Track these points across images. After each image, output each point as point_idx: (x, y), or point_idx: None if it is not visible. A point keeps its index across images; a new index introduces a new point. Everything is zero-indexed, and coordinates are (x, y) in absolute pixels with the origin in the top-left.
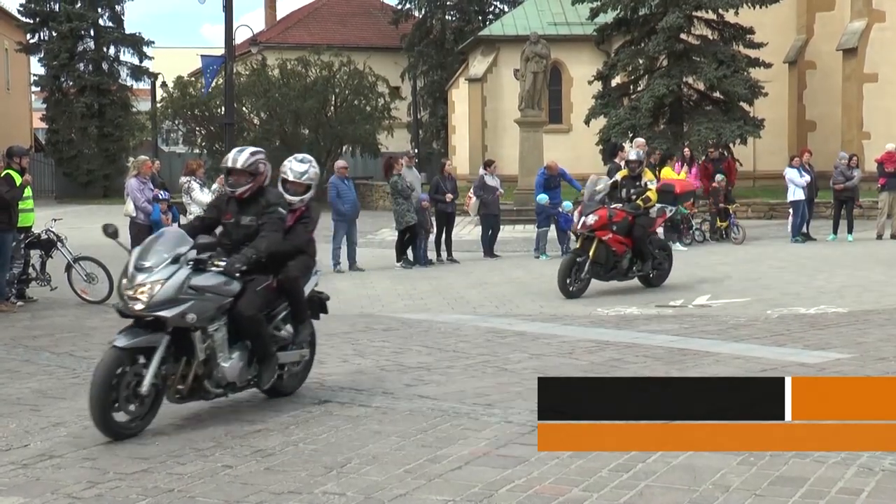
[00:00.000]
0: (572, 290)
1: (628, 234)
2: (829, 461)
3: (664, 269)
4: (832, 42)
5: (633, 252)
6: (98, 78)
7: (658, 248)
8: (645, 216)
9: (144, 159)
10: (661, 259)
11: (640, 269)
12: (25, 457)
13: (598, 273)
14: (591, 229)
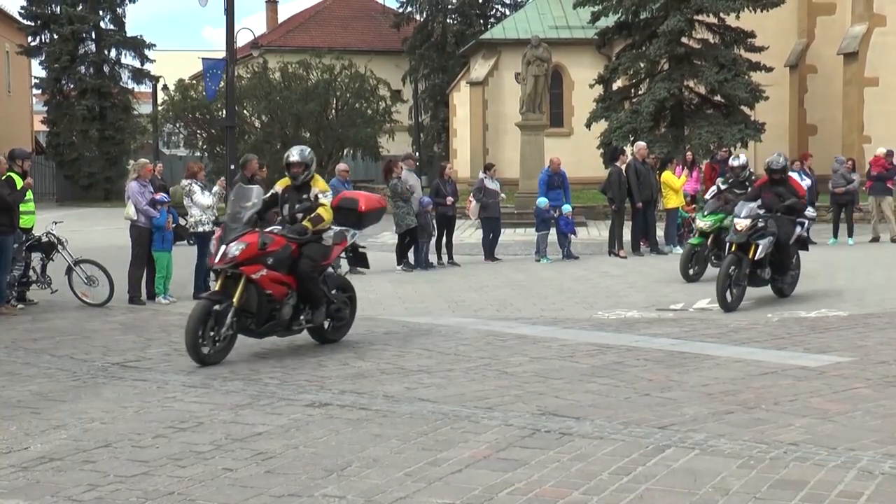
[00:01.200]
0: None
1: (291, 271)
2: (830, 464)
3: (345, 318)
4: (833, 46)
5: (300, 296)
6: (99, 81)
7: (338, 287)
8: (317, 244)
9: (145, 162)
10: (340, 306)
11: (311, 319)
12: (25, 459)
13: (245, 327)
14: (233, 264)
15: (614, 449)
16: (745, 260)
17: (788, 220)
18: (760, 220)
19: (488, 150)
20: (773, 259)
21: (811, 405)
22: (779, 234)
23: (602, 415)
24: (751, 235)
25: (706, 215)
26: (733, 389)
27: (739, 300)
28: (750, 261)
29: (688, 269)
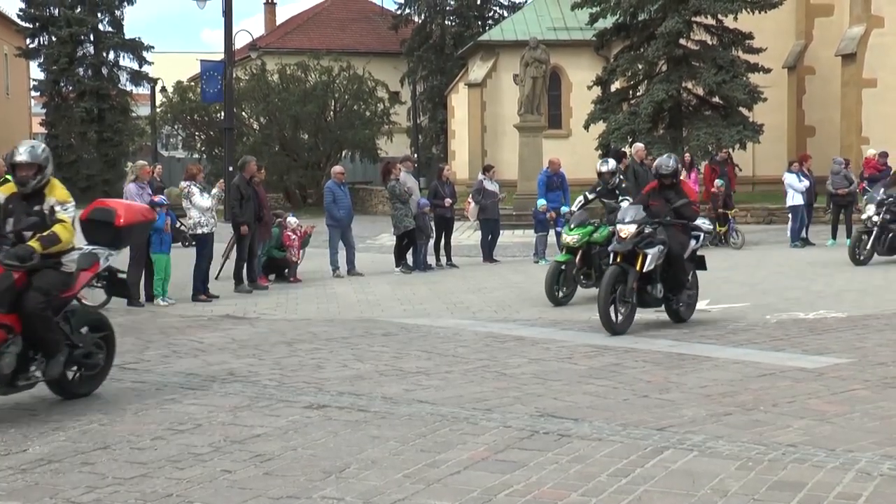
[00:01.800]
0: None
1: (13, 308)
2: (828, 466)
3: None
4: (831, 47)
5: (28, 340)
6: (97, 83)
7: (88, 325)
8: (52, 271)
9: (143, 164)
10: (90, 350)
11: (45, 371)
12: (24, 461)
13: None
14: None
15: (613, 450)
16: (633, 272)
17: (681, 229)
18: (648, 226)
19: (487, 151)
20: (665, 275)
21: (809, 407)
22: (670, 244)
23: (600, 416)
24: (637, 244)
25: (572, 229)
26: (732, 391)
27: (629, 321)
28: (638, 273)
29: (554, 290)
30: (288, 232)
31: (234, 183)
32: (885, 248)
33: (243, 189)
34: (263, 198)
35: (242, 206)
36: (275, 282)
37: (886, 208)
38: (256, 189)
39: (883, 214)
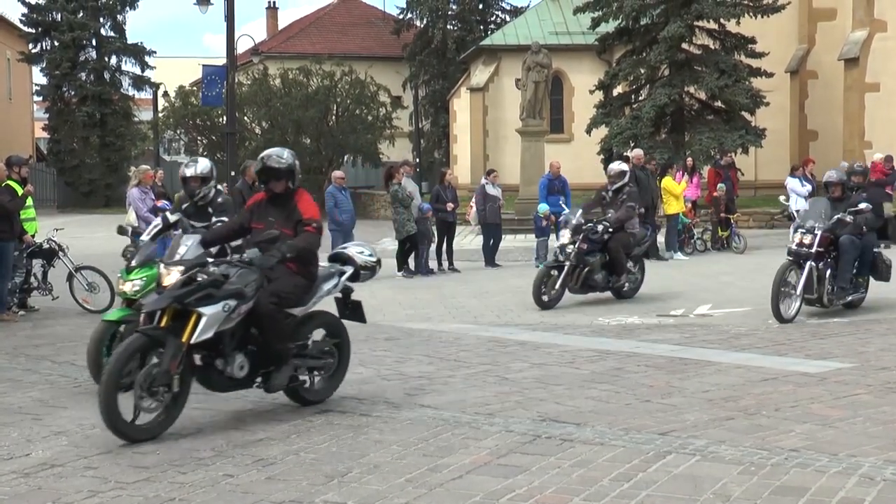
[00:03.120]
0: None
1: None
2: (831, 471)
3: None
4: (834, 52)
5: None
6: (100, 87)
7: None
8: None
9: (146, 168)
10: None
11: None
12: (27, 466)
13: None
14: None
15: (615, 455)
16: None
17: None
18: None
19: (489, 156)
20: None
21: (812, 411)
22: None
23: (603, 421)
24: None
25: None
26: (734, 395)
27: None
28: None
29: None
30: None
31: (237, 187)
32: (580, 284)
33: (245, 193)
34: None
35: None
36: None
37: (584, 236)
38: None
39: (579, 243)
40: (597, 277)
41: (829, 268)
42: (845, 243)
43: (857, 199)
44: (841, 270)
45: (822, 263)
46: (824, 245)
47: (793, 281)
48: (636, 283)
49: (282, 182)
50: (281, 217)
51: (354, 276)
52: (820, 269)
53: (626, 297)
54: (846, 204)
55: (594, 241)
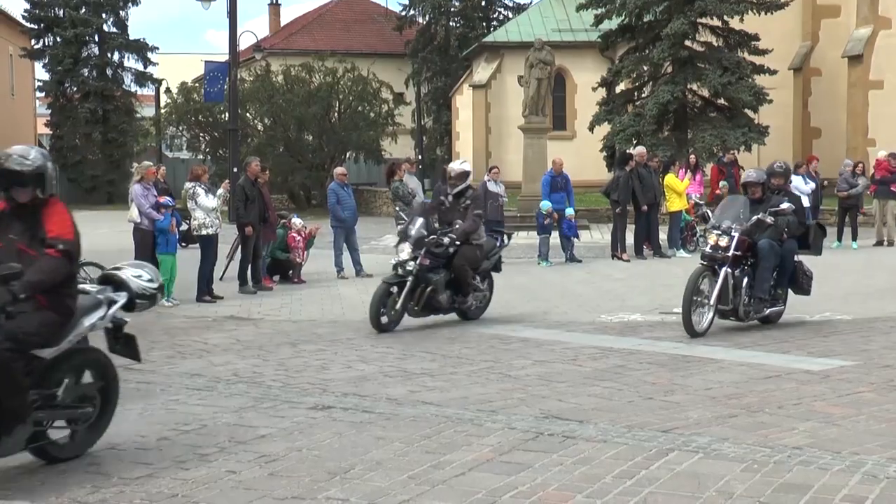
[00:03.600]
0: None
1: None
2: (834, 468)
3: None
4: (838, 49)
5: None
6: (102, 84)
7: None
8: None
9: (148, 165)
10: None
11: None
12: (31, 461)
13: None
14: None
15: (618, 452)
16: None
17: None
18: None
19: (491, 153)
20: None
21: (815, 409)
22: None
23: (605, 418)
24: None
25: None
26: (737, 393)
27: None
28: None
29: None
30: (293, 233)
31: (239, 184)
32: (421, 305)
33: (248, 190)
34: (268, 199)
35: (247, 207)
36: (279, 283)
37: (426, 250)
38: (261, 190)
39: (421, 258)
40: (441, 298)
41: (747, 276)
42: (764, 248)
43: (777, 201)
44: (759, 279)
45: (738, 270)
46: (742, 249)
47: (706, 289)
48: (484, 301)
49: (27, 190)
50: (24, 234)
51: (129, 305)
52: (736, 277)
53: (472, 318)
54: (766, 206)
55: (438, 255)
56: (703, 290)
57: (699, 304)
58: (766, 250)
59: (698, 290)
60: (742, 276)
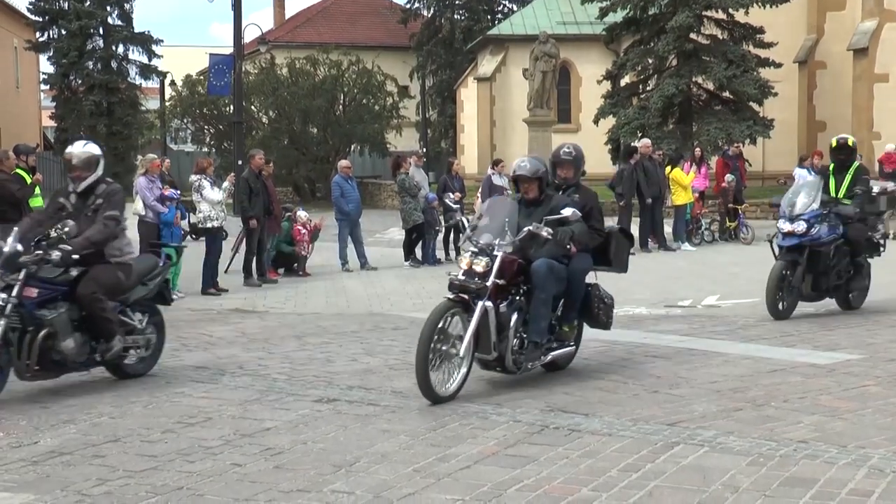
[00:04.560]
0: None
1: None
2: (840, 462)
3: None
4: (843, 42)
5: None
6: (107, 76)
7: None
8: None
9: (153, 158)
10: None
11: None
12: (35, 454)
13: None
14: None
15: (623, 446)
16: None
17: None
18: None
19: (496, 146)
20: None
21: (821, 403)
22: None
23: (611, 411)
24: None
25: None
26: (742, 386)
27: None
28: None
29: None
30: (298, 226)
31: (244, 176)
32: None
33: (252, 183)
34: (273, 191)
35: (252, 199)
36: (284, 276)
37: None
38: (266, 183)
39: (20, 288)
40: (66, 345)
41: (518, 310)
42: (540, 271)
43: (560, 202)
44: (533, 315)
45: (505, 304)
46: (509, 274)
47: (455, 332)
48: (151, 348)
49: None
50: None
51: None
52: (502, 314)
53: (136, 375)
54: (544, 209)
55: (53, 281)
56: (451, 334)
57: (444, 357)
58: (541, 274)
59: (444, 332)
60: (511, 310)
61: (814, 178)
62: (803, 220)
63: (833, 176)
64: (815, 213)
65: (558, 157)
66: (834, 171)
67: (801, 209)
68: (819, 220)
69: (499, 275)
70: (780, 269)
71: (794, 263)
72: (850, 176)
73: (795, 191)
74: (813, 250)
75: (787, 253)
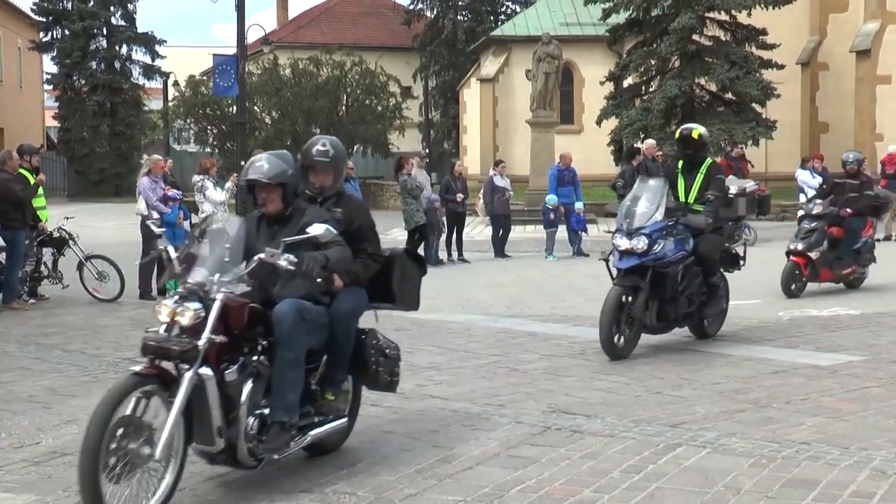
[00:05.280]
0: None
1: None
2: (842, 464)
3: None
4: (845, 43)
5: None
6: (110, 76)
7: None
8: None
9: (157, 158)
10: None
11: None
12: (37, 454)
13: None
14: None
15: (625, 447)
16: None
17: None
18: None
19: (498, 147)
20: None
21: (823, 404)
22: None
23: (613, 413)
24: None
25: None
26: (745, 388)
27: None
28: None
29: None
30: None
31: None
32: None
33: None
34: None
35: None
36: None
37: None
38: None
39: None
40: None
41: (253, 376)
42: (285, 320)
43: (315, 216)
44: (278, 385)
45: (235, 368)
46: (238, 325)
47: (151, 420)
48: None
49: None
50: None
51: None
52: (231, 384)
53: None
54: (292, 228)
55: None
56: (143, 425)
57: (130, 459)
58: (287, 324)
59: (129, 423)
60: (243, 377)
61: (655, 182)
62: (644, 234)
63: (682, 176)
64: (659, 225)
65: (309, 157)
66: (683, 170)
67: (641, 221)
68: (664, 234)
69: (219, 328)
70: (617, 296)
71: (635, 289)
72: (702, 176)
73: (635, 197)
74: (657, 272)
75: (626, 276)
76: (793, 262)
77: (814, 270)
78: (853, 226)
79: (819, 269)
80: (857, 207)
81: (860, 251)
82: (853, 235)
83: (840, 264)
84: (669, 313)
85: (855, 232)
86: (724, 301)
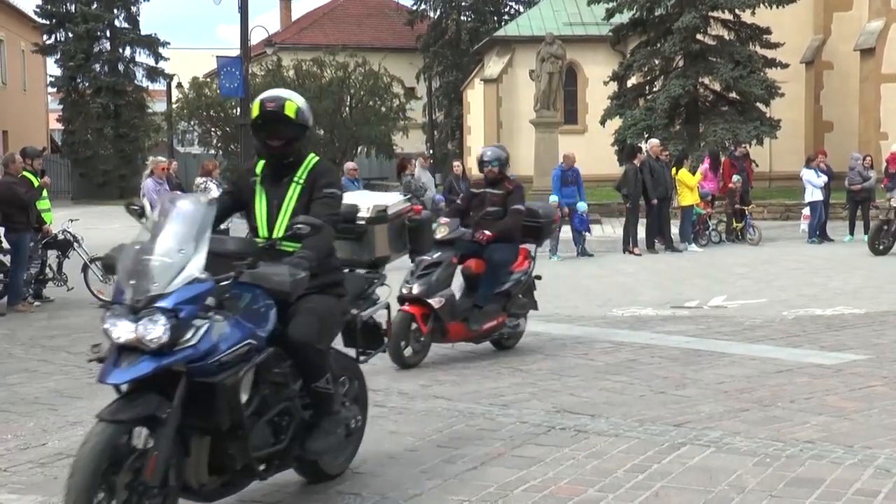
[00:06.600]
0: None
1: None
2: (846, 462)
3: None
4: (850, 42)
5: None
6: (114, 79)
7: None
8: None
9: (161, 161)
10: None
11: None
12: (43, 455)
13: None
14: None
15: (629, 446)
16: None
17: None
18: None
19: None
20: None
21: (827, 403)
22: None
23: (617, 412)
24: None
25: None
26: (749, 387)
27: None
28: None
29: None
30: None
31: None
32: None
33: None
34: None
35: None
36: None
37: None
38: None
39: None
40: None
41: None
42: None
43: None
44: None
45: None
46: None
47: None
48: None
49: None
50: None
51: None
52: None
53: None
54: None
55: None
56: None
57: None
58: None
59: None
60: None
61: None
62: (163, 308)
63: (262, 191)
64: (200, 288)
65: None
66: (263, 179)
67: (162, 280)
68: (209, 303)
69: None
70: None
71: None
72: (298, 188)
73: (154, 230)
74: (199, 384)
75: (130, 399)
76: (403, 314)
77: (438, 325)
78: (496, 256)
79: (445, 324)
80: (502, 228)
81: (510, 294)
82: (497, 270)
83: (479, 315)
84: (235, 460)
85: (499, 266)
86: (361, 421)
